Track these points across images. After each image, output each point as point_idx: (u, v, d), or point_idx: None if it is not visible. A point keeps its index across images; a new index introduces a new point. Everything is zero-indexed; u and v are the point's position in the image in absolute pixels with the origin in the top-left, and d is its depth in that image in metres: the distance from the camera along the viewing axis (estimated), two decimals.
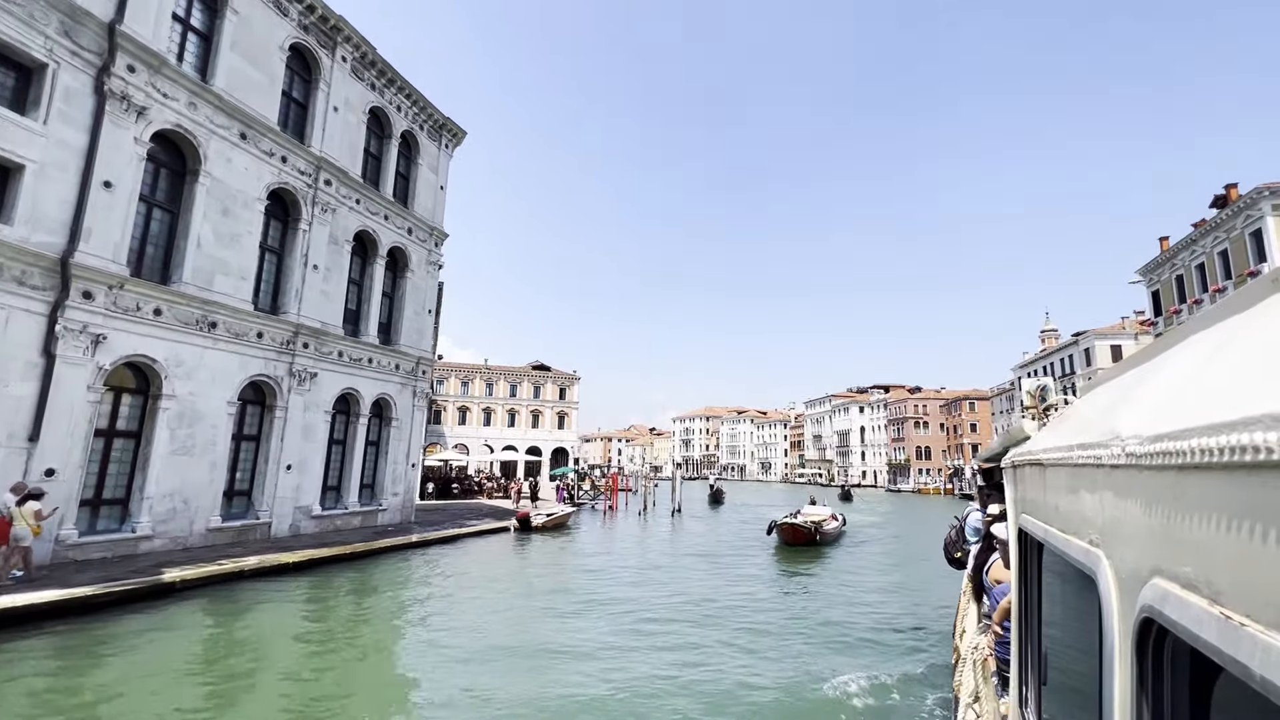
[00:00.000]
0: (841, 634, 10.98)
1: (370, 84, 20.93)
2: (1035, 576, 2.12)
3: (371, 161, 21.53)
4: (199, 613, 10.56)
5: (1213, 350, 1.05)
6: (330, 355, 19.02)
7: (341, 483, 19.99)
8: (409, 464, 22.60)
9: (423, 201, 23.74)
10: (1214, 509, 0.76)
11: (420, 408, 23.24)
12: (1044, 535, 1.79)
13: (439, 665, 8.72)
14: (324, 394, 18.80)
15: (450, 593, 13.28)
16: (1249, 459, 0.67)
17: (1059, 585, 1.76)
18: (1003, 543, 4.60)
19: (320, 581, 13.30)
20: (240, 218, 16.15)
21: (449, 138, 25.20)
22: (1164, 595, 0.88)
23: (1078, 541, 1.40)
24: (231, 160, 15.94)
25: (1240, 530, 0.70)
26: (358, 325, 20.82)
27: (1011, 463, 2.56)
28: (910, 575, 17.26)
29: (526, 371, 75.64)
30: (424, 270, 23.71)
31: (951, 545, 8.96)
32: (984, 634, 5.13)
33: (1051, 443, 1.81)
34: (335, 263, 19.37)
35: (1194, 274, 36.91)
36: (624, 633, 10.60)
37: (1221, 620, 0.71)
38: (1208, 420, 0.77)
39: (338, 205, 19.33)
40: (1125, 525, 1.09)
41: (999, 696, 3.98)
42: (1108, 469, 1.18)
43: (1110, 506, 1.17)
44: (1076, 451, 1.42)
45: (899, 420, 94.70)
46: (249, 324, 16.29)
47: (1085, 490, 1.36)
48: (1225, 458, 0.71)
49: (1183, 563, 0.85)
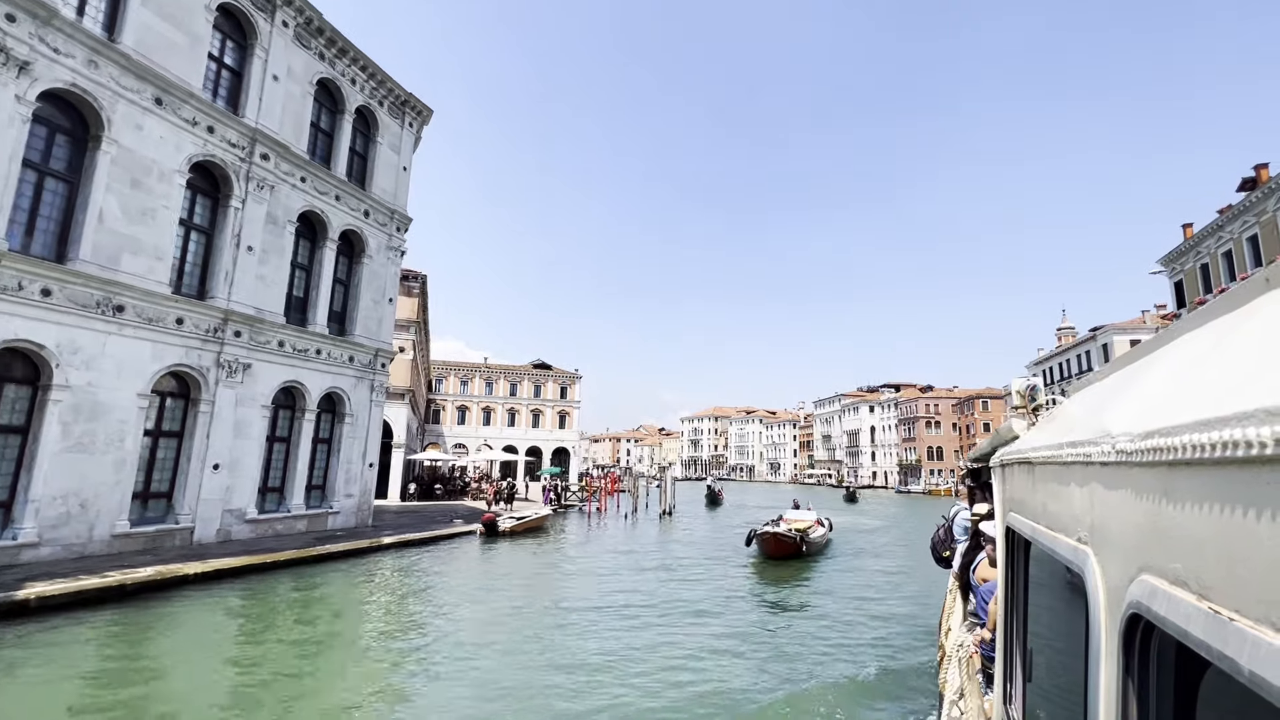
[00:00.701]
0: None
1: (318, 53, 19.39)
2: (1022, 574, 2.15)
3: (321, 137, 19.99)
4: (47, 644, 8.92)
5: (1204, 349, 1.05)
6: (268, 345, 17.47)
7: (285, 484, 18.44)
8: (366, 463, 21.02)
9: (382, 183, 22.16)
10: (1204, 505, 0.76)
11: (379, 403, 21.65)
12: (1031, 533, 1.83)
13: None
14: (260, 387, 17.25)
15: (361, 613, 11.64)
16: (1240, 454, 0.67)
17: (1045, 583, 1.81)
18: (991, 540, 4.47)
19: (230, 596, 11.70)
20: (155, 191, 14.62)
21: (413, 116, 23.61)
22: (1152, 591, 0.89)
23: (1066, 539, 1.41)
24: (143, 127, 14.42)
25: (1230, 526, 0.70)
26: (305, 313, 19.27)
27: (1000, 462, 2.59)
28: (921, 605, 15.29)
29: (527, 370, 74.28)
30: (383, 256, 22.12)
31: (939, 544, 8.75)
32: (970, 632, 5.11)
33: (1040, 442, 1.84)
34: (275, 245, 17.83)
35: (1220, 262, 34.52)
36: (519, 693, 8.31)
37: (1210, 615, 0.72)
38: (1199, 416, 0.77)
39: (277, 182, 17.78)
40: (1114, 522, 1.10)
41: (983, 694, 4.00)
42: (1097, 466, 1.19)
43: (1099, 504, 1.18)
44: (1066, 450, 1.42)
45: (910, 420, 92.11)
46: (166, 308, 14.76)
47: (1074, 488, 1.37)
48: (1217, 453, 0.71)
49: (1172, 559, 0.85)
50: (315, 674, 8.33)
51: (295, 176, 18.44)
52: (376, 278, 21.86)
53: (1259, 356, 0.78)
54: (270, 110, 17.58)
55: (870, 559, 20.91)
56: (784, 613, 12.84)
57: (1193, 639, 0.74)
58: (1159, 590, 0.86)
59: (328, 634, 10.08)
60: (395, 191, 22.75)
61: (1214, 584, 0.73)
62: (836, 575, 17.67)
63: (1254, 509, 0.65)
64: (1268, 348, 0.77)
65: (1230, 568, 0.70)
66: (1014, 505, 2.18)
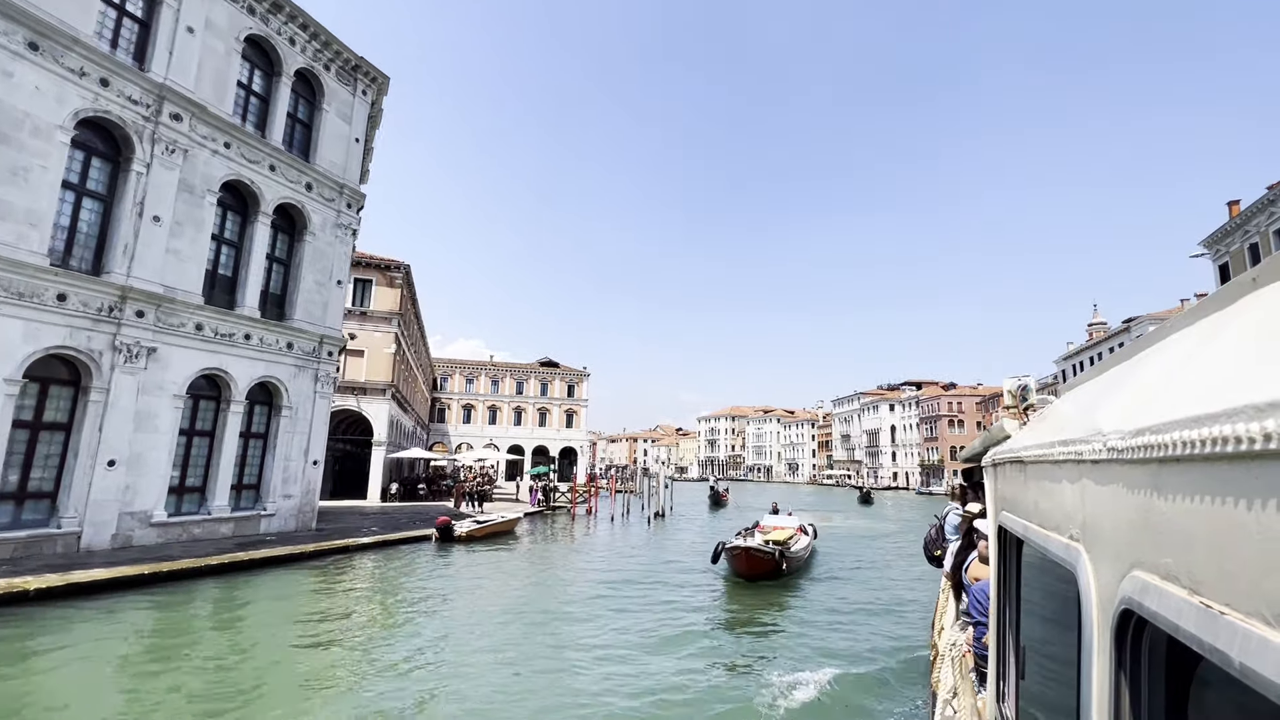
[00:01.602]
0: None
1: (246, 6, 17.50)
2: (1014, 572, 2.16)
3: (253, 101, 18.11)
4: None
5: (1193, 347, 1.06)
6: (182, 328, 15.60)
7: (207, 483, 16.58)
8: (308, 460, 19.10)
9: (329, 154, 20.25)
10: (1194, 500, 0.77)
11: (325, 395, 19.73)
12: (1024, 532, 1.82)
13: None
14: (171, 374, 15.39)
15: (205, 643, 9.57)
16: (1231, 449, 0.67)
17: (1037, 580, 1.81)
18: (983, 536, 4.28)
19: (95, 614, 9.73)
20: (27, 148, 12.80)
21: (367, 83, 21.66)
22: (1144, 587, 0.90)
23: (1058, 537, 1.42)
24: (13, 75, 12.61)
25: (1220, 520, 0.71)
26: (233, 294, 17.40)
27: (992, 461, 2.57)
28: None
29: (533, 368, 72.61)
30: (330, 234, 20.19)
31: (931, 543, 8.62)
32: (963, 631, 4.99)
33: (1032, 441, 1.84)
34: (192, 216, 15.96)
35: (1271, 240, 31.15)
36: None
37: (1201, 610, 0.72)
38: (1189, 413, 0.78)
39: (193, 146, 15.91)
40: (1106, 519, 1.10)
41: (977, 692, 3.96)
42: (1089, 464, 1.19)
43: (1091, 501, 1.19)
44: (1057, 448, 1.43)
45: (932, 418, 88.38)
46: (42, 283, 12.93)
47: (1066, 486, 1.37)
48: (1207, 449, 0.72)
49: (1163, 554, 0.86)
50: None
51: (217, 141, 16.56)
52: (322, 257, 19.94)
53: (1246, 354, 0.80)
54: (183, 66, 15.71)
55: (856, 581, 17.06)
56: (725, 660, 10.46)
57: (1184, 633, 0.76)
58: (1150, 586, 0.87)
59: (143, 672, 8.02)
60: (345, 164, 20.82)
61: (1205, 578, 0.74)
62: (834, 602, 15.15)
63: (1244, 503, 0.66)
64: (1255, 345, 0.79)
65: (1221, 562, 0.70)
66: (1006, 504, 2.21)
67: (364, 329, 34.63)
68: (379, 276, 35.40)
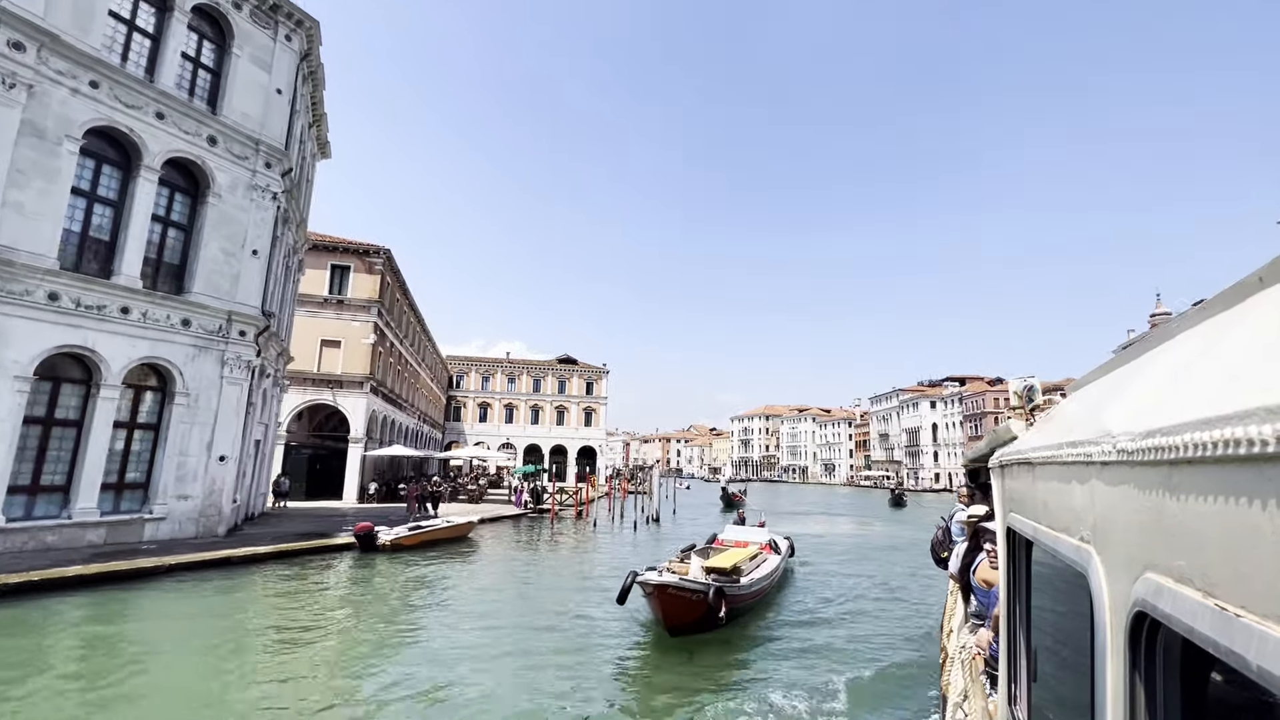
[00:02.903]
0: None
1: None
2: (1024, 574, 2.10)
3: (136, 37, 15.60)
4: None
5: (1201, 348, 1.04)
6: (26, 296, 13.09)
7: (71, 481, 14.08)
8: (213, 456, 16.49)
9: (242, 105, 17.65)
10: (1207, 502, 0.76)
11: (236, 381, 17.11)
12: (1033, 533, 1.78)
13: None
14: (12, 351, 12.89)
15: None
16: (1243, 452, 0.66)
17: (1048, 582, 1.77)
18: (992, 537, 4.12)
19: None
20: None
21: (291, 27, 19.02)
22: (1157, 589, 0.88)
23: (1068, 539, 1.39)
24: None
25: (1234, 522, 0.70)
26: (110, 261, 14.89)
27: (999, 462, 2.52)
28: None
29: (551, 365, 70.09)
30: (242, 196, 17.57)
31: (938, 545, 8.42)
32: (973, 633, 4.83)
33: (1040, 442, 1.80)
34: (40, 165, 13.46)
35: None
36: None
37: (1216, 612, 0.71)
38: (1200, 415, 0.77)
39: (41, 83, 13.42)
40: (1117, 521, 1.08)
41: (988, 695, 3.86)
42: (1098, 466, 1.17)
43: (1101, 503, 1.17)
44: (1066, 450, 1.41)
45: (976, 416, 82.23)
46: None
47: (1075, 487, 1.34)
48: (1220, 451, 0.71)
49: (1176, 556, 0.84)
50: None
51: (79, 79, 14.04)
52: (231, 223, 17.32)
53: (1255, 355, 0.78)
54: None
55: (842, 626, 11.97)
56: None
57: (1199, 636, 0.75)
58: (1164, 588, 0.86)
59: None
60: (264, 118, 18.20)
61: (1219, 580, 0.73)
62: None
63: (1258, 505, 0.65)
64: (1263, 346, 0.78)
65: (1235, 564, 0.70)
66: (1014, 505, 2.18)
67: (340, 318, 32.40)
68: (357, 263, 33.09)
